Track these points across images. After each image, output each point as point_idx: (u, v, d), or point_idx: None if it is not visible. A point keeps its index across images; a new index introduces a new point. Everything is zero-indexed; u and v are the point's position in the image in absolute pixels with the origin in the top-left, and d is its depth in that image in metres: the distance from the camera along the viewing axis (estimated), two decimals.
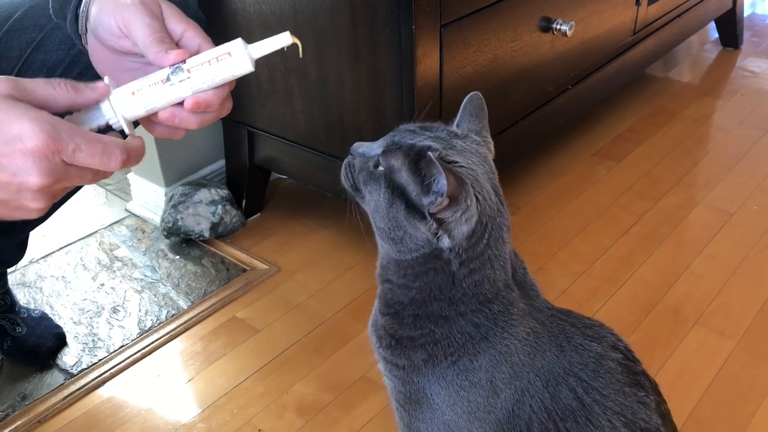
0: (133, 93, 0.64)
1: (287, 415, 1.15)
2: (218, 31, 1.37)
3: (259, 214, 1.65)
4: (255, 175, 1.61)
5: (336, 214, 1.61)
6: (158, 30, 0.65)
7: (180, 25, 0.67)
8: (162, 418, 1.16)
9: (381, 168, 0.70)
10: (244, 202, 1.62)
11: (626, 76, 1.89)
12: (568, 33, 1.46)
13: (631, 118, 2.01)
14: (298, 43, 0.65)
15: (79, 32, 0.74)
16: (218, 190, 1.57)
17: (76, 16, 0.73)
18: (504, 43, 1.35)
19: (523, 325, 0.72)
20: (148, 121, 0.66)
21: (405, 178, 0.68)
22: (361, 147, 0.74)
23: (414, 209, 0.68)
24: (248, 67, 0.64)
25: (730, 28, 2.39)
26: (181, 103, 0.64)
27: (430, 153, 0.65)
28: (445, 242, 0.68)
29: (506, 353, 0.70)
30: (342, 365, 1.24)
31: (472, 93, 0.78)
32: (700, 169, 1.78)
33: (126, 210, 1.69)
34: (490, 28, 1.30)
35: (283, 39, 0.64)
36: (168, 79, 0.63)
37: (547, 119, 1.60)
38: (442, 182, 0.64)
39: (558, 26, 1.45)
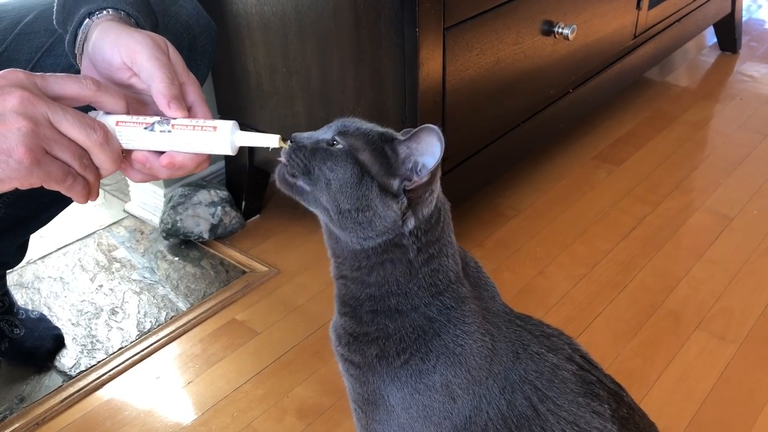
0: (117, 123, 0.65)
1: (287, 418, 1.15)
2: (220, 33, 1.37)
3: (258, 215, 1.65)
4: (255, 177, 1.60)
5: None
6: (172, 73, 0.67)
7: (181, 77, 0.68)
8: (161, 420, 1.15)
9: (339, 146, 0.67)
10: (243, 203, 1.61)
11: (626, 80, 1.90)
12: (570, 36, 1.46)
13: (630, 122, 2.01)
14: (285, 147, 0.67)
15: (75, 51, 0.74)
16: (218, 191, 1.57)
17: (75, 35, 0.73)
18: (506, 47, 1.35)
19: (477, 325, 0.71)
20: (125, 165, 0.68)
21: (368, 158, 0.66)
22: (304, 134, 0.69)
23: (384, 188, 0.66)
24: (226, 149, 0.66)
25: (729, 33, 2.40)
26: (159, 152, 0.66)
27: (434, 126, 0.64)
28: (411, 223, 0.67)
29: (461, 354, 0.69)
30: None
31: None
32: (700, 173, 1.78)
33: (124, 211, 1.68)
34: (493, 31, 1.30)
35: (272, 140, 0.66)
36: (152, 126, 0.65)
37: (548, 122, 1.60)
38: (437, 155, 0.63)
39: (560, 30, 1.45)
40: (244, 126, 1.53)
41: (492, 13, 1.28)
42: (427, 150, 0.64)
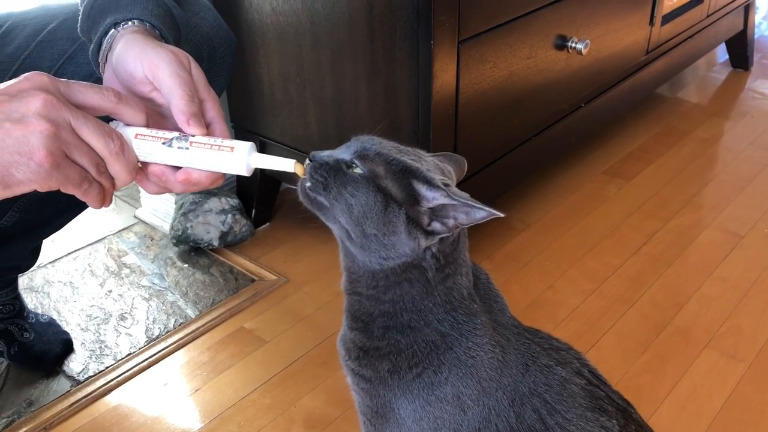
0: (136, 136, 0.66)
1: (295, 428, 1.15)
2: None
3: (268, 224, 1.65)
4: (265, 185, 1.61)
5: None
6: (192, 91, 0.67)
7: (202, 93, 0.69)
8: (168, 428, 1.15)
9: (359, 171, 0.66)
10: (253, 211, 1.62)
11: (638, 96, 1.90)
12: (583, 51, 1.46)
13: (641, 137, 2.01)
14: (300, 174, 0.68)
15: (99, 60, 0.75)
16: (228, 199, 1.57)
17: (100, 44, 0.74)
18: (520, 60, 1.35)
19: (488, 337, 0.71)
20: (141, 177, 0.68)
21: (391, 185, 0.66)
22: (324, 152, 0.69)
23: (412, 219, 0.66)
24: (242, 170, 0.66)
25: (741, 50, 2.40)
26: (175, 167, 0.67)
27: (472, 201, 0.64)
28: (434, 247, 0.68)
29: (472, 366, 0.69)
30: None
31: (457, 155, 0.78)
32: (711, 190, 1.78)
33: (135, 217, 1.68)
34: (506, 44, 1.30)
35: (287, 164, 0.67)
36: (170, 141, 0.66)
37: (559, 136, 1.60)
38: (481, 215, 0.64)
39: (573, 44, 1.45)
40: (255, 134, 1.54)
41: (506, 26, 1.28)
42: (470, 216, 0.65)
